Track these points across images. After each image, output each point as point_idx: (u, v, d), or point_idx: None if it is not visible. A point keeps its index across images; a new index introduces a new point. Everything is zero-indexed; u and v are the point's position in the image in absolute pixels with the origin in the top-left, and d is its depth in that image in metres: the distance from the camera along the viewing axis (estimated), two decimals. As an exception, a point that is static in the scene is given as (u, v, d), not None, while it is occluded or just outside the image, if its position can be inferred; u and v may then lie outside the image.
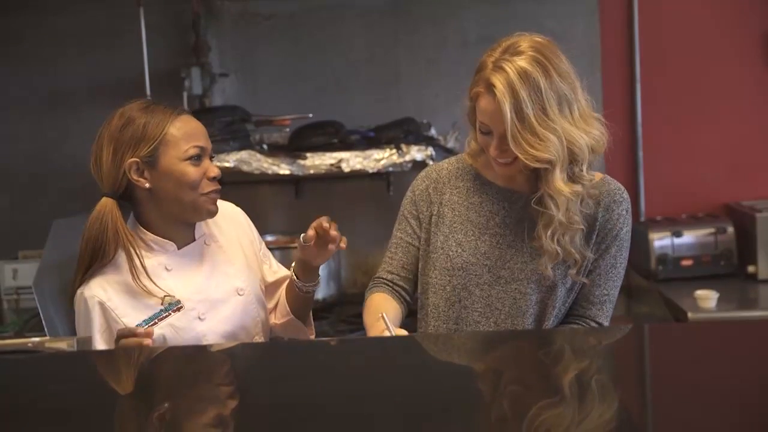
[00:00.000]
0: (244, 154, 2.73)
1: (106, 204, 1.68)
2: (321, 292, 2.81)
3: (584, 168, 1.61)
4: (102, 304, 1.66)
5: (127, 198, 1.70)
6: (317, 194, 3.08)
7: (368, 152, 2.76)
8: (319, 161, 2.75)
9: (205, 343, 1.69)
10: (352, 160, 2.74)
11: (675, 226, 2.86)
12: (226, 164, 2.68)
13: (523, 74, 1.56)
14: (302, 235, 1.72)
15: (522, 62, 1.57)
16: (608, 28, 3.03)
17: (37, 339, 1.48)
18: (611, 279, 1.71)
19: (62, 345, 1.49)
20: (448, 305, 1.73)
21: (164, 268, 1.71)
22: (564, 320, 1.74)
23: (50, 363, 1.46)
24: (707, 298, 2.51)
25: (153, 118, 1.67)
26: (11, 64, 3.18)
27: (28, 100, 3.18)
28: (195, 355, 1.55)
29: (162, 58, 3.00)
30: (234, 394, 1.28)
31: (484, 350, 1.47)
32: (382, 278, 1.81)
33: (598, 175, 1.73)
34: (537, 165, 1.58)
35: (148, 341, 1.58)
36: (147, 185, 1.67)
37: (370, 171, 2.76)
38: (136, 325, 1.66)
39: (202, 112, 2.88)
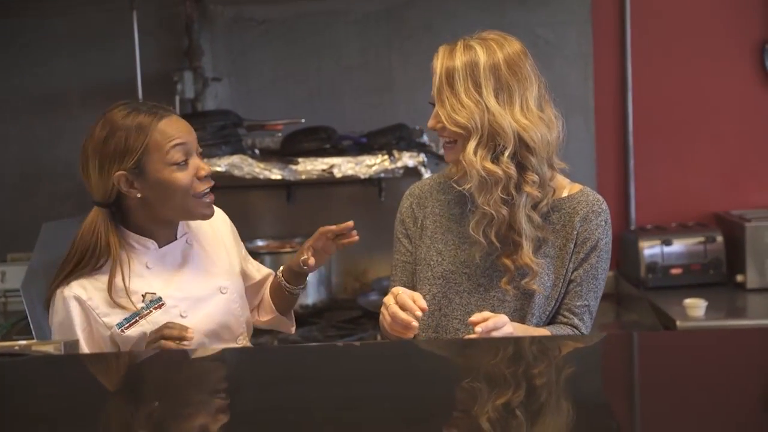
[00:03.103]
0: (235, 159, 2.72)
1: (99, 214, 1.68)
2: (311, 298, 2.81)
3: (506, 154, 1.64)
4: (82, 303, 1.66)
5: (117, 205, 1.70)
6: (309, 199, 3.07)
7: (360, 158, 2.76)
8: (310, 166, 2.75)
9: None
10: (344, 166, 2.74)
11: (665, 234, 2.87)
12: (218, 168, 2.67)
13: (467, 48, 1.68)
14: (302, 259, 1.78)
15: (472, 42, 1.68)
16: (600, 37, 3.04)
17: (24, 342, 1.47)
18: (592, 290, 1.73)
19: (49, 348, 1.48)
20: (428, 314, 1.74)
21: (145, 266, 1.71)
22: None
23: (37, 366, 1.45)
24: (696, 306, 2.52)
25: (134, 128, 1.65)
26: (2, 65, 3.17)
27: (20, 102, 3.17)
28: (182, 359, 1.54)
29: (154, 61, 3.00)
30: (222, 400, 1.27)
31: (476, 357, 1.47)
32: None
33: (576, 186, 1.77)
34: (455, 128, 1.66)
35: (189, 337, 1.59)
36: (138, 195, 1.67)
37: (362, 177, 2.76)
38: (117, 325, 1.66)
39: (194, 116, 2.87)
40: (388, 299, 1.61)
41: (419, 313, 1.57)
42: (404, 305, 1.58)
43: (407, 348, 1.61)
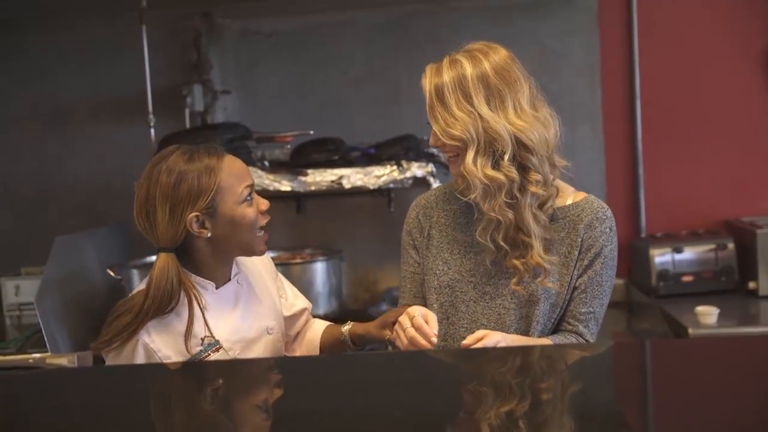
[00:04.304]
0: (245, 171, 2.73)
1: (168, 261, 1.65)
2: (322, 308, 2.81)
3: (506, 158, 1.65)
4: (146, 347, 1.65)
5: (183, 247, 1.68)
6: (318, 211, 3.09)
7: (369, 169, 2.77)
8: (320, 178, 2.76)
9: None
10: (353, 177, 2.75)
11: (675, 242, 2.86)
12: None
13: (453, 63, 1.69)
14: (390, 338, 1.71)
15: (458, 56, 1.69)
16: (608, 45, 3.05)
17: (38, 355, 1.48)
18: (597, 297, 1.73)
19: (63, 361, 1.49)
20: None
21: (204, 308, 1.69)
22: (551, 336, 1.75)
23: (51, 379, 1.46)
24: (708, 314, 2.51)
25: (203, 170, 1.64)
26: (14, 80, 3.20)
27: (31, 117, 3.20)
28: (194, 372, 1.55)
29: (164, 75, 3.02)
30: (234, 410, 1.28)
31: (487, 366, 1.47)
32: None
33: (581, 194, 1.77)
34: (450, 142, 1.68)
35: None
36: (208, 235, 1.67)
37: (371, 187, 2.77)
38: None
39: (203, 129, 2.89)
40: (405, 321, 1.63)
41: (434, 339, 1.60)
42: (420, 329, 1.61)
43: (418, 357, 1.61)
